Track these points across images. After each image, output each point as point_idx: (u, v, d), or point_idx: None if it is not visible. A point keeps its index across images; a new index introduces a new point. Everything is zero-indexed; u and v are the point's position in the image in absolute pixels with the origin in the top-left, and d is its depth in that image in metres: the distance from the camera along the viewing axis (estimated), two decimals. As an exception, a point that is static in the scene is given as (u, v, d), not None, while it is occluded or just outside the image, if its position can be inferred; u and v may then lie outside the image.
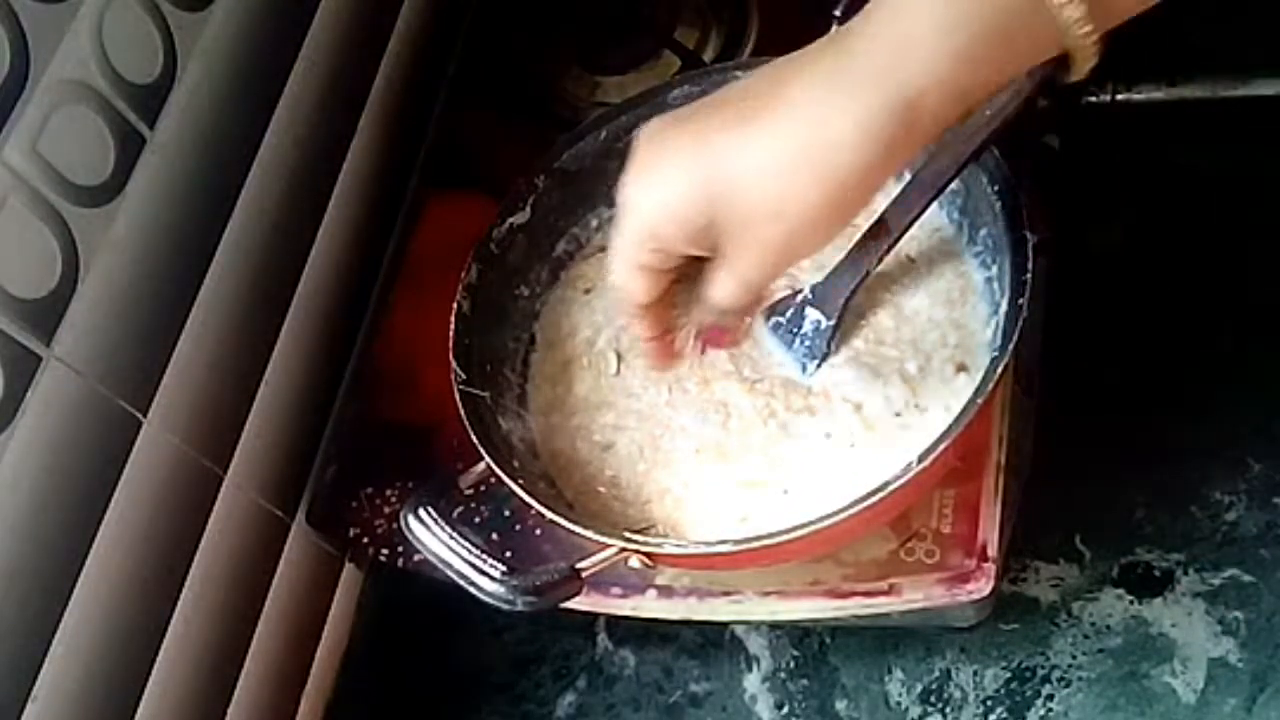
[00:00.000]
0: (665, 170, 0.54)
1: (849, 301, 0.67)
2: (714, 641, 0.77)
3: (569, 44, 0.88)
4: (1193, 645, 0.70)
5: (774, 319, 0.69)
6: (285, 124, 0.75)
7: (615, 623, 0.78)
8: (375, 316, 0.84)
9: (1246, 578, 0.71)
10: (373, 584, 0.85)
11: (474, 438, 0.64)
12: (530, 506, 0.62)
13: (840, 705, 0.73)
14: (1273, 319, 0.76)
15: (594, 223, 0.76)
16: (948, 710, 0.72)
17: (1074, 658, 0.71)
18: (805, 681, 0.75)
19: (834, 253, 0.68)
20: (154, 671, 0.66)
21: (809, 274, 0.69)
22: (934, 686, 0.72)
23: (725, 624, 0.76)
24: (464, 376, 0.67)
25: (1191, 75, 0.78)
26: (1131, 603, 0.72)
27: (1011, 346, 0.59)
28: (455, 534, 0.61)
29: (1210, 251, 0.79)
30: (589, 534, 0.61)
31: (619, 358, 0.72)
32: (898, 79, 0.49)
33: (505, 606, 0.59)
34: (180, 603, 0.68)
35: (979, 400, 0.58)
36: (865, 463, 0.64)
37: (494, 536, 0.72)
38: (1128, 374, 0.77)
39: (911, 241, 0.69)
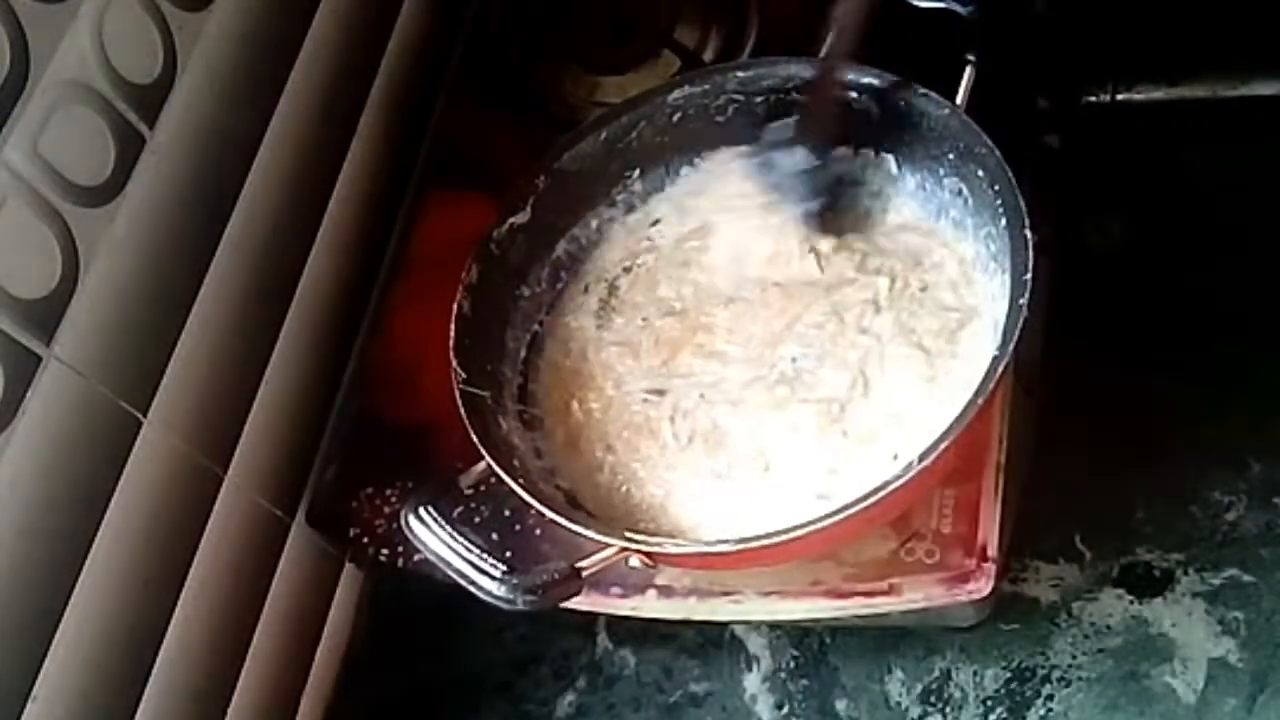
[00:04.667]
0: None
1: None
2: (714, 641, 0.77)
3: (569, 44, 0.88)
4: (1193, 645, 0.70)
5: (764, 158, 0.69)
6: (285, 124, 0.75)
7: (615, 623, 0.78)
8: (375, 316, 0.84)
9: (1246, 578, 0.71)
10: (373, 584, 0.85)
11: (474, 437, 0.64)
12: (530, 506, 0.62)
13: (840, 705, 0.73)
14: (1273, 319, 0.76)
15: (594, 223, 0.76)
16: (948, 710, 0.72)
17: (1074, 658, 0.71)
18: (805, 681, 0.75)
19: None
20: (154, 671, 0.66)
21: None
22: (934, 686, 0.72)
23: (725, 624, 0.76)
24: (464, 376, 0.67)
25: (1191, 75, 0.78)
26: (1131, 603, 0.72)
27: (1011, 346, 0.59)
28: (455, 534, 0.61)
29: (1210, 251, 0.79)
30: (589, 533, 0.61)
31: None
32: None
33: (505, 606, 0.59)
34: (180, 603, 0.68)
35: (979, 400, 0.58)
36: (864, 462, 0.64)
37: (494, 536, 0.71)
38: (1128, 374, 0.77)
39: (911, 242, 0.69)
